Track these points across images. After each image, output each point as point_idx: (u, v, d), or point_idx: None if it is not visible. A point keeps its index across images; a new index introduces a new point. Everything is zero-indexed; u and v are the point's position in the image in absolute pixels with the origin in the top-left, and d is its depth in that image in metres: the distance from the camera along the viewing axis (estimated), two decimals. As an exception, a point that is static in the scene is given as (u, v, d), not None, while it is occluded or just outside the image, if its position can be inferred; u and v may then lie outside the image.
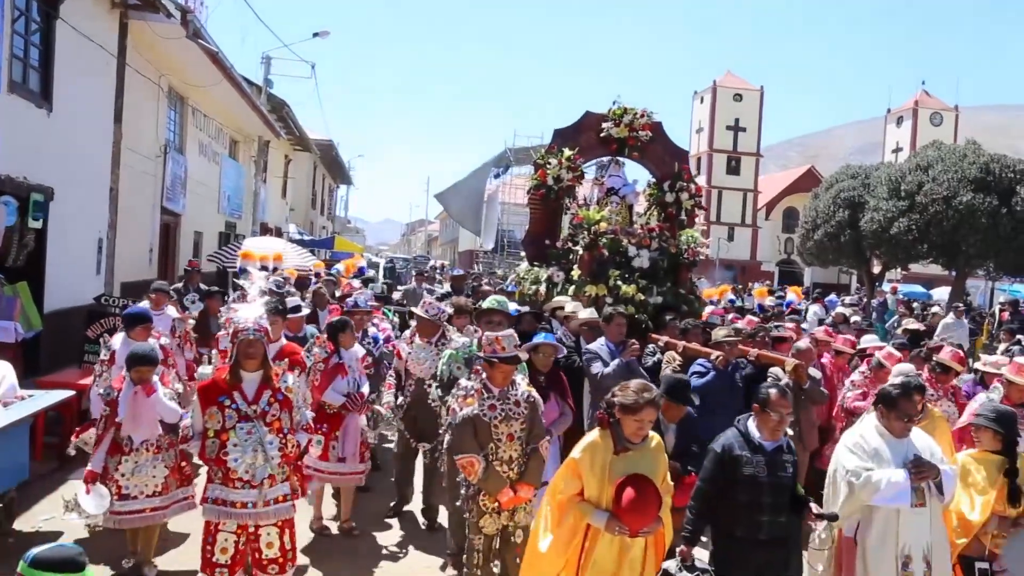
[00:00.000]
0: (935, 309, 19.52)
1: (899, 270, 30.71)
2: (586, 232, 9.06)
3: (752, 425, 4.50)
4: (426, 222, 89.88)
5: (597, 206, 9.80)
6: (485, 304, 6.53)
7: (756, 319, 10.84)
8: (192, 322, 9.17)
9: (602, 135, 9.89)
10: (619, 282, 8.73)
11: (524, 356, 5.51)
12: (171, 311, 8.60)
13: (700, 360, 6.98)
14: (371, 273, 17.83)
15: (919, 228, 22.45)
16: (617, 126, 9.81)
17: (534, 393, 5.12)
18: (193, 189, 17.70)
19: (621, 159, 10.14)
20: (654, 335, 8.07)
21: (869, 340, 8.98)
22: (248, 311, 4.89)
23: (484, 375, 5.06)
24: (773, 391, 4.47)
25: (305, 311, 8.26)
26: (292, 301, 8.25)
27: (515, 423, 4.90)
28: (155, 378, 5.34)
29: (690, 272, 9.66)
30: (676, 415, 5.26)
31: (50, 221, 10.06)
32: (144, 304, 8.34)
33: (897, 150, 51.92)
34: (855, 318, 14.07)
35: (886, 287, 27.41)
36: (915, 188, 22.93)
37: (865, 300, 26.26)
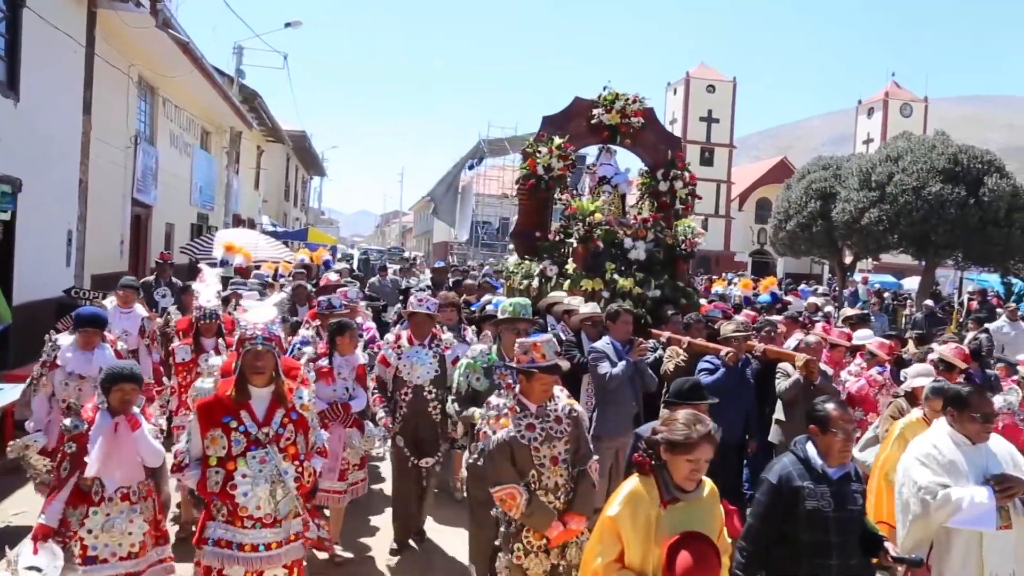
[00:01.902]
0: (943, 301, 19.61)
1: (870, 260, 31.04)
2: (580, 224, 8.69)
3: (812, 449, 3.72)
4: (400, 213, 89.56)
5: (590, 196, 9.50)
6: (506, 309, 5.55)
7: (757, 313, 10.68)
8: (160, 321, 8.58)
9: (593, 122, 9.59)
10: (615, 275, 8.43)
11: (566, 365, 4.66)
12: (140, 309, 8.11)
13: (708, 357, 6.63)
14: (341, 266, 17.62)
15: (889, 219, 22.67)
16: (608, 112, 9.51)
17: (576, 406, 4.41)
18: (164, 180, 17.50)
19: (612, 147, 9.82)
20: (655, 331, 7.68)
21: (863, 335, 8.76)
22: (256, 314, 4.07)
23: (518, 389, 4.31)
24: (831, 406, 3.72)
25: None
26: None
27: (558, 443, 4.18)
28: (136, 408, 4.29)
29: (687, 264, 9.33)
30: None
31: (18, 213, 9.92)
32: (109, 300, 7.89)
33: (868, 141, 52.39)
34: (828, 308, 14.23)
35: (857, 277, 27.72)
36: (885, 179, 23.15)
37: (836, 290, 26.57)
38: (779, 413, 6.89)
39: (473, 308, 9.09)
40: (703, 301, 10.94)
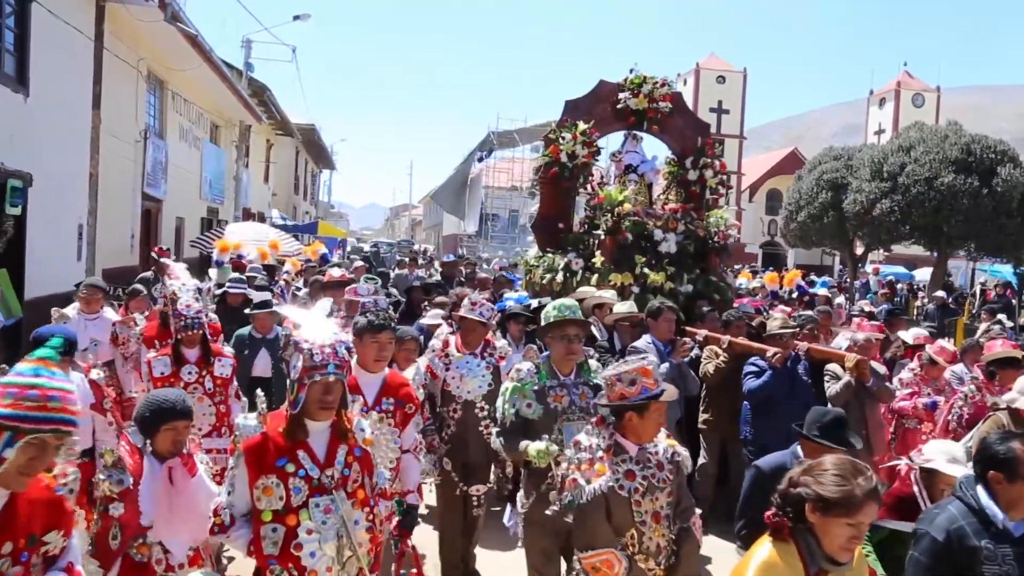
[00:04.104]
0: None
1: (882, 251, 30.88)
2: (608, 214, 8.21)
3: (988, 499, 2.98)
4: (410, 207, 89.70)
5: (617, 184, 9.05)
6: (551, 313, 4.46)
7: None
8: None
9: (619, 106, 9.08)
10: (646, 269, 7.96)
11: (675, 393, 3.66)
12: (109, 313, 7.17)
13: (753, 359, 6.10)
14: (336, 259, 17.52)
15: (901, 209, 22.52)
16: (635, 97, 9.00)
17: (679, 449, 3.63)
18: (174, 174, 17.55)
19: (639, 133, 9.35)
20: (691, 328, 7.09)
21: (918, 333, 8.20)
22: (317, 332, 3.14)
23: (613, 427, 3.51)
24: (1019, 445, 2.96)
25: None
26: (258, 295, 7.15)
27: (661, 495, 3.42)
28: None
29: (720, 257, 8.85)
30: None
31: (29, 207, 9.94)
32: (72, 308, 6.94)
33: (880, 132, 52.01)
34: (838, 299, 14.14)
35: (868, 268, 27.60)
36: (897, 169, 23.00)
37: (848, 281, 26.45)
38: None
39: None
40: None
